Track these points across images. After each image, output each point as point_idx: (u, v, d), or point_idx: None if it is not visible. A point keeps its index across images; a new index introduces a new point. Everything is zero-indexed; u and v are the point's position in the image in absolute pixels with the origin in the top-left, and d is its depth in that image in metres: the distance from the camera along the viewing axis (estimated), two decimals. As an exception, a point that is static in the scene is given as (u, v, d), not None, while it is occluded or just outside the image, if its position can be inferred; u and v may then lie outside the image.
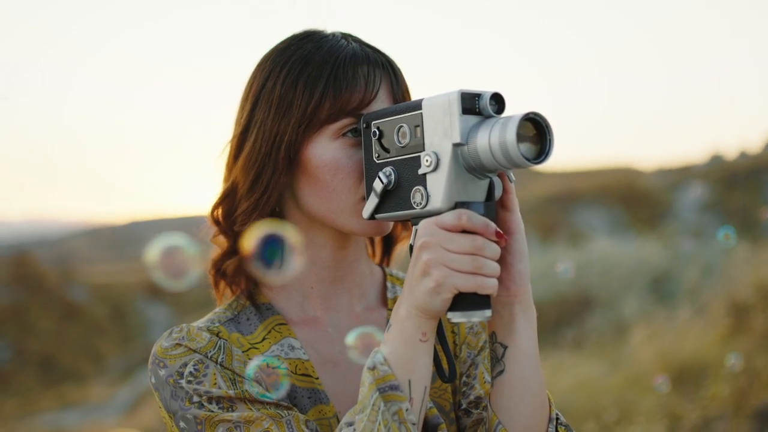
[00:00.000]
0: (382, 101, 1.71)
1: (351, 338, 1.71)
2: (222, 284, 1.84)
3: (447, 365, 1.63)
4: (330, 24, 1.82)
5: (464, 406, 1.84)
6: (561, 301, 10.87)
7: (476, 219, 1.44)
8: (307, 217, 1.78)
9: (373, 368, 1.50)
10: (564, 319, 10.44)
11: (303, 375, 1.75)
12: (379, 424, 1.46)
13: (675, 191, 21.94)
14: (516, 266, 1.55)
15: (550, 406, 1.63)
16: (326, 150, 1.69)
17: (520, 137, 1.43)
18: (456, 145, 1.48)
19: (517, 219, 1.56)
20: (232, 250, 1.80)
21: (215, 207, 1.80)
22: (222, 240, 1.81)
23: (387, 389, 1.48)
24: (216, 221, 1.81)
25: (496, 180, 1.54)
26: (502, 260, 1.54)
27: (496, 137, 1.42)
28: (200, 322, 1.77)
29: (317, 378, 1.75)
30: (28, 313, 23.04)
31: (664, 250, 12.28)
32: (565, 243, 14.05)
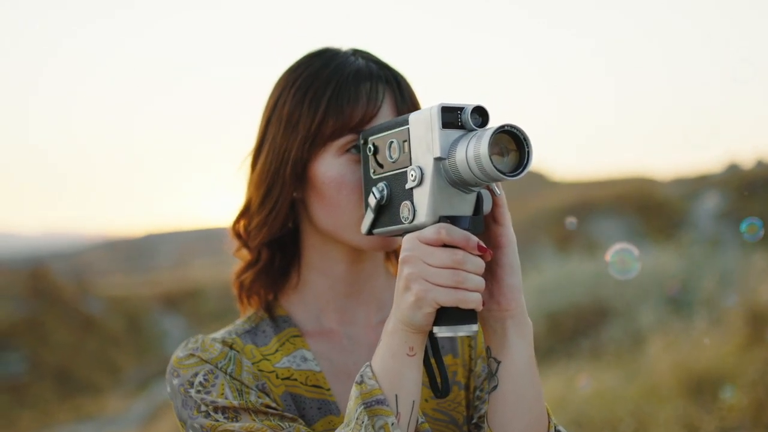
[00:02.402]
0: (385, 117, 1.72)
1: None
2: (245, 296, 1.87)
3: (440, 380, 1.61)
4: (356, 39, 1.84)
5: (475, 420, 1.84)
6: (577, 311, 10.83)
7: (456, 233, 1.44)
8: (320, 233, 1.80)
9: (360, 383, 1.51)
10: (580, 329, 10.40)
11: (313, 386, 1.77)
12: None
13: (691, 200, 21.87)
14: (506, 280, 1.54)
15: (549, 422, 1.62)
16: (331, 166, 1.72)
17: (496, 150, 1.42)
18: (437, 160, 1.47)
19: (507, 233, 1.55)
20: (250, 264, 1.84)
21: (236, 221, 1.84)
22: (244, 253, 1.85)
23: (374, 404, 1.49)
24: (237, 235, 1.84)
25: (486, 194, 1.53)
26: (492, 274, 1.55)
27: (471, 151, 1.42)
28: (218, 333, 1.81)
29: (329, 389, 1.77)
30: (44, 326, 23.11)
31: (680, 260, 12.23)
32: (581, 253, 14.02)
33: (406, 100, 1.76)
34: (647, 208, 21.82)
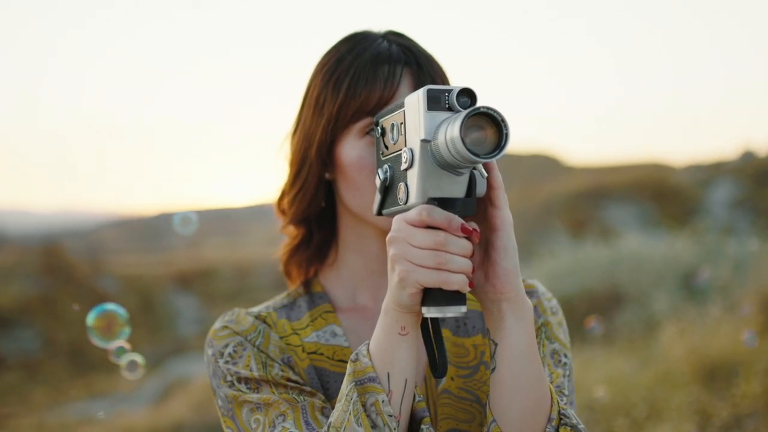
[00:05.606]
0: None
1: None
2: (287, 271, 1.95)
3: (439, 360, 1.61)
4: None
5: None
6: (591, 296, 10.82)
7: (437, 214, 1.45)
8: (351, 213, 1.85)
9: (355, 360, 1.56)
10: (594, 314, 10.39)
11: (340, 361, 1.81)
12: (350, 414, 1.52)
13: (706, 187, 21.82)
14: (500, 263, 1.54)
15: (552, 405, 1.61)
16: (353, 148, 1.77)
17: (472, 132, 1.42)
18: (424, 142, 1.48)
19: (502, 215, 1.55)
20: (290, 240, 1.92)
21: (279, 199, 1.91)
22: (290, 229, 1.92)
23: (366, 381, 1.53)
24: (282, 212, 1.91)
25: (479, 176, 1.52)
26: (487, 257, 1.56)
27: (448, 133, 1.42)
28: (255, 308, 1.89)
29: None
30: (57, 304, 23.19)
31: (694, 247, 12.20)
32: (595, 239, 14.00)
33: (426, 83, 1.77)
34: (662, 195, 21.77)
